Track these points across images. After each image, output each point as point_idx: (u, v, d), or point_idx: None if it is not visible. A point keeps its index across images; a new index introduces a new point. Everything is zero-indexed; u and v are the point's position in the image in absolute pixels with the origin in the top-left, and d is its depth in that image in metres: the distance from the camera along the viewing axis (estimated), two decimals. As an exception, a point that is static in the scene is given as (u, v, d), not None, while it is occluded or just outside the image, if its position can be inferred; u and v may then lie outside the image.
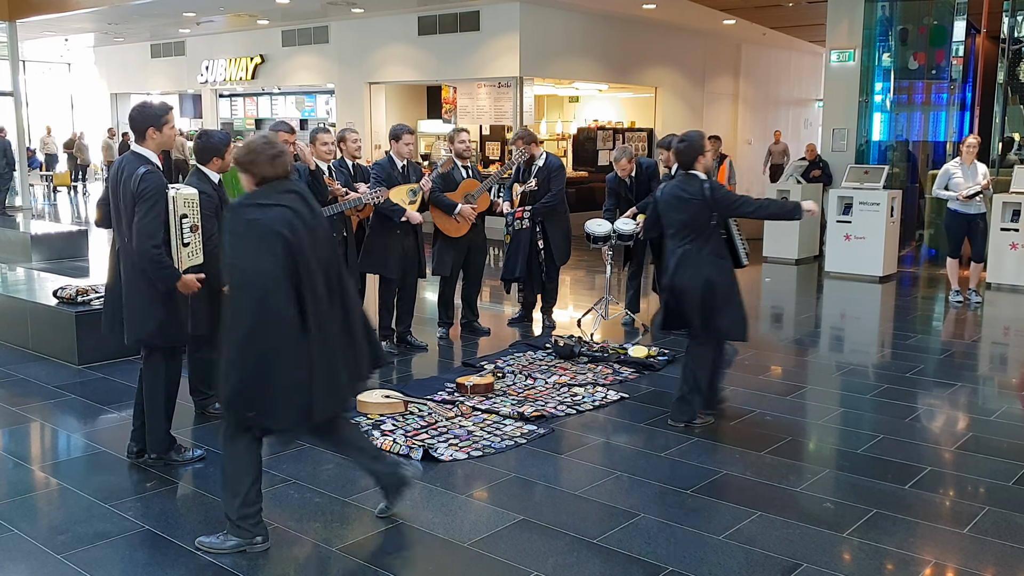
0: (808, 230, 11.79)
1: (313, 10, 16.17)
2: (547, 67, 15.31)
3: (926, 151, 13.36)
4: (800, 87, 21.75)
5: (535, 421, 5.23)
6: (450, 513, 4.04)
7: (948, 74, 12.52)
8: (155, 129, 4.26)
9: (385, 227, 6.55)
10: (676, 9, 15.01)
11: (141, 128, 4.26)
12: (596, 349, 6.73)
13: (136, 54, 21.71)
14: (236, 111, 21.28)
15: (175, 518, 4.01)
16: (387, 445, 4.79)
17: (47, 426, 5.32)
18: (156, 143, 4.29)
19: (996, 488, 4.34)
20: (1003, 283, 9.62)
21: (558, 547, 3.71)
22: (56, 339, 6.62)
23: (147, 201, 4.14)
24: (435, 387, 5.88)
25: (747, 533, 3.83)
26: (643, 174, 7.63)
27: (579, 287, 10.12)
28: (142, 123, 4.26)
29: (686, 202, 5.02)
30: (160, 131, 4.27)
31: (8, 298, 7.02)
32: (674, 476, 4.46)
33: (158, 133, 4.27)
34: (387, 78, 16.85)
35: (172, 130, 4.36)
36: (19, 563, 3.59)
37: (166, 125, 4.28)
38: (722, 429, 5.19)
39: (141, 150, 4.28)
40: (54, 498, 4.25)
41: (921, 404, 5.66)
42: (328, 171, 6.29)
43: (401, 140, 6.64)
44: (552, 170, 7.35)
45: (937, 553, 3.69)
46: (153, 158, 4.28)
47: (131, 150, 4.32)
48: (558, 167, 7.42)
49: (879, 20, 12.25)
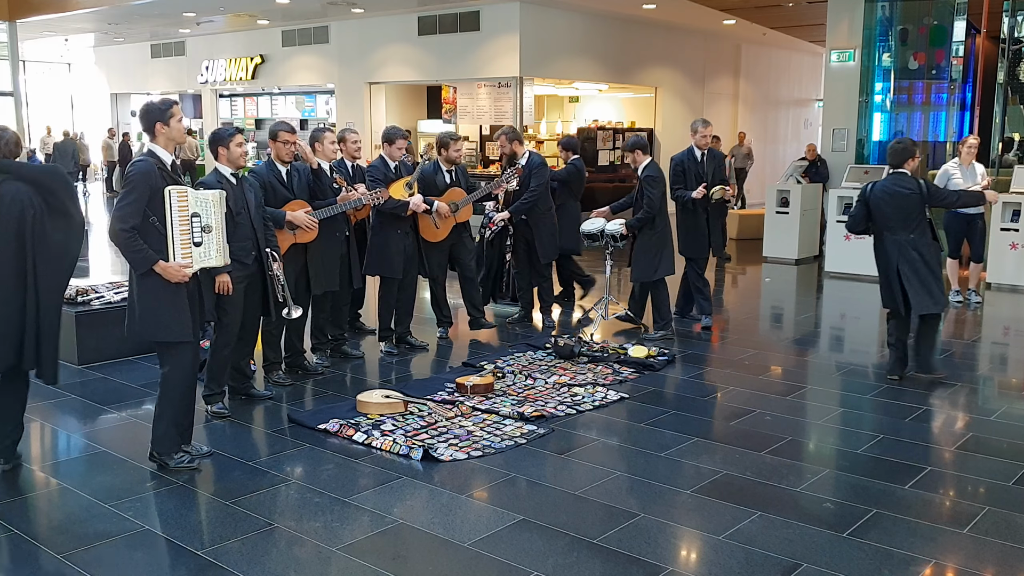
0: (808, 230, 11.80)
1: (313, 10, 16.18)
2: (547, 67, 15.32)
3: (926, 151, 13.36)
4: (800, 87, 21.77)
5: (535, 421, 5.23)
6: (450, 513, 4.04)
7: (948, 74, 12.52)
8: (162, 124, 4.30)
9: (387, 229, 6.55)
10: (676, 9, 15.02)
11: (149, 125, 4.32)
12: (596, 349, 6.73)
13: (136, 54, 21.73)
14: (236, 111, 21.29)
15: (175, 518, 4.01)
16: (387, 445, 4.79)
17: (47, 426, 5.32)
18: (166, 138, 4.33)
19: (996, 488, 4.34)
20: (1003, 283, 9.62)
21: (558, 547, 3.71)
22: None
23: (127, 185, 4.22)
24: (435, 387, 5.88)
25: (747, 533, 3.83)
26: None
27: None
28: (149, 120, 4.32)
29: (904, 197, 5.83)
30: (168, 125, 4.31)
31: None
32: (674, 476, 4.46)
33: (166, 128, 4.31)
34: (387, 78, 16.86)
35: (180, 123, 4.38)
36: (19, 563, 3.59)
37: (172, 119, 4.32)
38: (722, 429, 5.19)
39: (153, 147, 4.34)
40: (54, 498, 4.25)
41: (921, 404, 5.66)
42: (330, 170, 6.30)
43: (394, 144, 6.62)
44: (533, 168, 7.32)
45: (937, 553, 3.69)
46: (163, 154, 4.31)
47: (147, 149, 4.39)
48: (539, 164, 7.39)
49: (879, 20, 12.25)
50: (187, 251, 4.26)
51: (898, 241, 5.90)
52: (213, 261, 4.37)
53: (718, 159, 7.61)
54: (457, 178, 6.97)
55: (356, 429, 5.03)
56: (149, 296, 4.27)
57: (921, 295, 5.89)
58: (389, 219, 6.51)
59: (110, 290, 6.97)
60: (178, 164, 4.45)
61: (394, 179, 6.58)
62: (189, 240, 4.26)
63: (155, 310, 4.28)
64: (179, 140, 4.41)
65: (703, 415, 5.49)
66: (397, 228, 6.56)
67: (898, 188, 5.87)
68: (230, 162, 5.11)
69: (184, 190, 4.26)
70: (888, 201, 5.88)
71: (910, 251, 5.86)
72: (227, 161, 5.11)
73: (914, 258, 5.86)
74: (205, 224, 4.30)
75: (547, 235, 7.46)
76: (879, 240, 6.07)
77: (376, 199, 6.18)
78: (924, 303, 5.91)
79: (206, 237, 4.31)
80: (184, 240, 4.25)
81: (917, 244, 5.87)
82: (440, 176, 6.89)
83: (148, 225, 4.21)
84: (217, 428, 5.15)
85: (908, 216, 5.86)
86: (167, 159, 4.33)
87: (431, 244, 6.87)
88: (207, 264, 4.35)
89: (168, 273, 4.25)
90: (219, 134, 5.17)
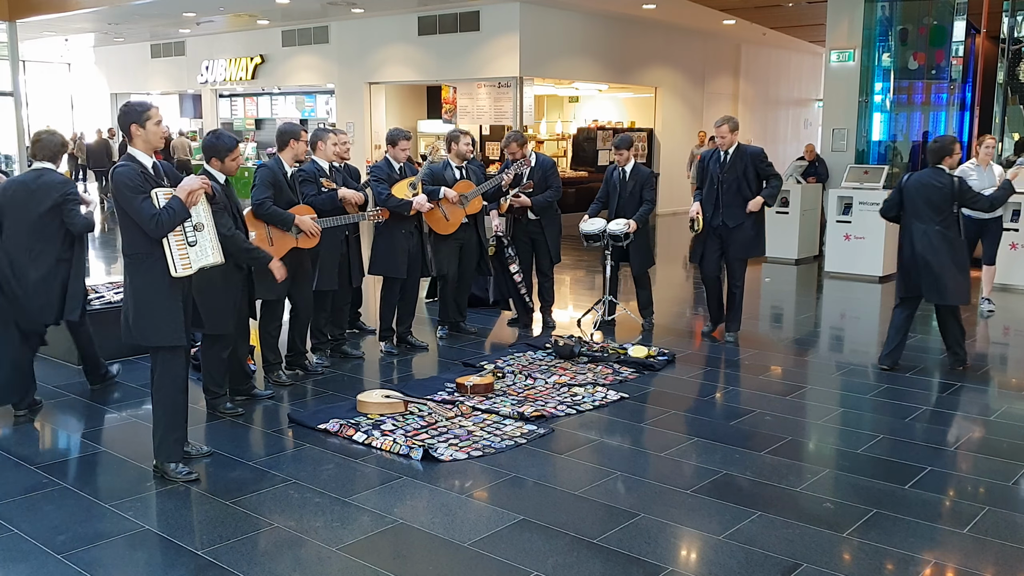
0: (808, 230, 11.80)
1: (313, 10, 16.18)
2: (547, 67, 15.32)
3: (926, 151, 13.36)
4: (800, 87, 21.77)
5: (535, 421, 5.23)
6: (450, 513, 4.04)
7: (948, 74, 12.52)
8: (138, 125, 4.19)
9: (392, 229, 6.56)
10: (676, 9, 15.02)
11: (125, 126, 4.23)
12: (596, 349, 6.73)
13: (136, 54, 21.72)
14: (236, 111, 21.29)
15: (175, 518, 4.01)
16: (387, 445, 4.79)
17: (47, 426, 5.32)
18: (142, 140, 4.22)
19: (996, 488, 4.34)
20: (1003, 283, 9.62)
21: (558, 547, 3.71)
22: (56, 339, 6.61)
23: (120, 195, 4.12)
24: (435, 387, 5.88)
25: (747, 533, 3.83)
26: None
27: (579, 287, 10.11)
28: (125, 121, 4.22)
29: (936, 190, 6.13)
30: (143, 127, 4.20)
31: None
32: (674, 476, 4.46)
33: (141, 129, 4.20)
34: (387, 78, 16.86)
35: (157, 126, 4.25)
36: (19, 563, 3.59)
37: (149, 121, 4.20)
38: (722, 429, 5.20)
39: (131, 150, 4.26)
40: (54, 498, 4.24)
41: (921, 404, 5.66)
42: (330, 171, 6.31)
43: (398, 145, 6.65)
44: (547, 168, 7.47)
45: (937, 553, 3.69)
46: (142, 158, 4.22)
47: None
48: (551, 164, 7.61)
49: (879, 20, 12.25)
50: (183, 252, 4.19)
51: (925, 230, 6.15)
52: (210, 259, 4.29)
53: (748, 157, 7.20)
54: (468, 174, 7.06)
55: (356, 429, 5.03)
56: (142, 299, 4.22)
57: (931, 285, 6.16)
58: (394, 219, 6.52)
59: (110, 290, 6.97)
60: (160, 166, 4.34)
61: (398, 179, 6.59)
62: (184, 241, 4.20)
63: (148, 313, 4.23)
64: (155, 144, 4.27)
65: (703, 415, 5.49)
66: (401, 228, 6.58)
67: (932, 181, 6.17)
68: (223, 171, 5.06)
69: (169, 191, 4.16)
70: (920, 191, 6.19)
71: (935, 240, 6.11)
72: (220, 170, 5.04)
73: (938, 247, 6.11)
74: (196, 223, 4.23)
75: (557, 235, 7.62)
76: (906, 228, 6.32)
77: (376, 219, 6.27)
78: (932, 293, 6.19)
79: (199, 236, 4.24)
80: (179, 242, 4.18)
81: (944, 234, 6.12)
82: (450, 171, 6.98)
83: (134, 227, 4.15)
84: (217, 428, 5.15)
85: (937, 208, 6.13)
86: (147, 162, 4.22)
87: (440, 238, 6.92)
88: (205, 263, 4.27)
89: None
90: (216, 146, 5.04)
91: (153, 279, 4.21)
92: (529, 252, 7.57)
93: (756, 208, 6.95)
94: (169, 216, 4.10)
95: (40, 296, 5.21)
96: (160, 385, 4.38)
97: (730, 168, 6.98)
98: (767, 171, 7.02)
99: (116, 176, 4.13)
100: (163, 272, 4.19)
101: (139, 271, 4.23)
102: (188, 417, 4.67)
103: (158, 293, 4.22)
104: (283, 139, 5.84)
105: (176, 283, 4.24)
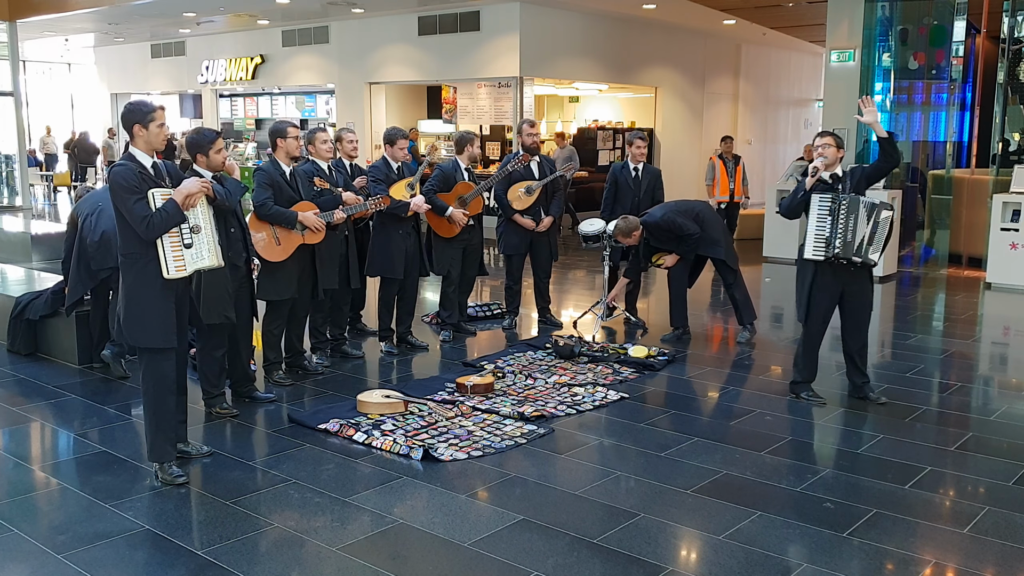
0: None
1: (313, 10, 16.17)
2: (547, 67, 15.31)
3: (926, 151, 13.36)
4: (800, 87, 21.75)
5: (535, 421, 5.23)
6: (450, 513, 4.04)
7: (948, 74, 12.51)
8: (140, 126, 4.18)
9: (389, 229, 6.57)
10: (676, 9, 15.01)
11: (128, 126, 4.21)
12: (596, 349, 6.73)
13: (136, 54, 21.72)
14: (236, 111, 21.28)
15: (175, 518, 4.01)
16: (387, 445, 4.79)
17: (47, 426, 5.32)
18: (144, 141, 4.21)
19: (996, 488, 4.34)
20: (1003, 283, 9.62)
21: (558, 547, 3.71)
22: (56, 339, 6.62)
23: (115, 194, 4.11)
24: (435, 387, 5.88)
25: (747, 533, 3.83)
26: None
27: (579, 287, 10.11)
28: (128, 121, 4.21)
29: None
30: (146, 128, 4.18)
31: (8, 298, 7.02)
32: (674, 476, 4.46)
33: (144, 130, 4.18)
34: (387, 78, 16.86)
35: (161, 128, 4.24)
36: (19, 563, 3.59)
37: (152, 122, 4.18)
38: (722, 429, 5.19)
39: (133, 150, 4.24)
40: (54, 498, 4.25)
41: (921, 404, 5.66)
42: (328, 170, 6.31)
43: (396, 145, 6.66)
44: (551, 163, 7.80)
45: (937, 553, 3.69)
46: (142, 157, 4.20)
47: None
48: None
49: (879, 20, 12.24)
50: (178, 254, 4.15)
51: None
52: (206, 262, 4.24)
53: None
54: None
55: (356, 429, 5.03)
56: (133, 299, 4.19)
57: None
58: (391, 220, 6.53)
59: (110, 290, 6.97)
60: (162, 166, 4.31)
61: (396, 179, 6.61)
62: (179, 243, 4.15)
63: (139, 315, 4.20)
64: (157, 145, 4.25)
65: (703, 415, 5.50)
66: (399, 228, 6.59)
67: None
68: (210, 167, 4.95)
69: (167, 192, 4.14)
70: None
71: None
72: (206, 166, 4.93)
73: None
74: (193, 225, 4.19)
75: (556, 235, 7.74)
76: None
77: (376, 206, 6.23)
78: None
79: (196, 238, 4.19)
80: (174, 243, 4.14)
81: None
82: (459, 173, 7.07)
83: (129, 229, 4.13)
84: (217, 428, 5.15)
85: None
86: (147, 162, 4.20)
87: (444, 240, 7.03)
88: (200, 266, 4.23)
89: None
90: (198, 142, 4.94)
91: (145, 280, 4.17)
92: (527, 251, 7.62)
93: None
94: (161, 219, 4.07)
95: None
96: (146, 387, 4.33)
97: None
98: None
99: (112, 175, 4.12)
100: (156, 273, 4.14)
101: (132, 271, 4.19)
102: (187, 417, 4.68)
103: (149, 294, 4.18)
104: (271, 140, 5.86)
105: (169, 285, 4.20)
